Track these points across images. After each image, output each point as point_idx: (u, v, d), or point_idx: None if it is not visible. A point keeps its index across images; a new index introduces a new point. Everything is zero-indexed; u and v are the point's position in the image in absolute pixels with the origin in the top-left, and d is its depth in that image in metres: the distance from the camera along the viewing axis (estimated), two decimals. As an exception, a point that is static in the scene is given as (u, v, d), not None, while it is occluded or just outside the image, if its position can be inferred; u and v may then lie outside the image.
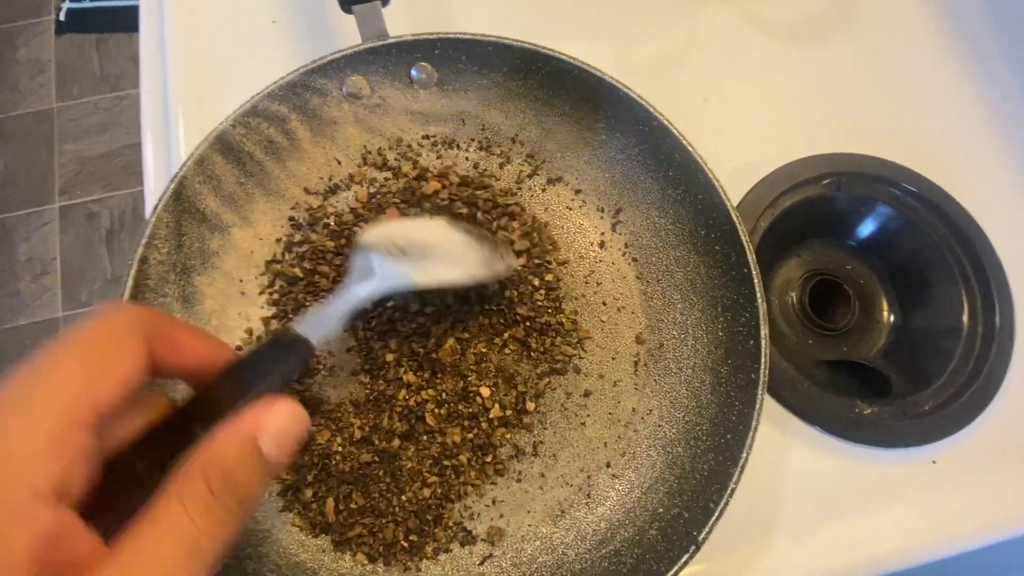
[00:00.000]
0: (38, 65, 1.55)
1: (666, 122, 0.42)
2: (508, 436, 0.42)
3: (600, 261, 0.46)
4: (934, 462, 0.46)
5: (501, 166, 0.48)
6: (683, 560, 0.35)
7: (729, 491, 0.36)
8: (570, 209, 0.47)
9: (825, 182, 0.51)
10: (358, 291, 0.37)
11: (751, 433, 0.37)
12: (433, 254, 0.40)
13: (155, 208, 0.38)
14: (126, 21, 1.59)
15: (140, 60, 0.54)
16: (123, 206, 1.45)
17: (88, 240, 1.42)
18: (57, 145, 1.49)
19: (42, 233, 1.42)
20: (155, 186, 0.49)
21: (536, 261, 0.45)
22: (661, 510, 0.39)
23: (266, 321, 0.43)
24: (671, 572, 0.35)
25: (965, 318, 0.49)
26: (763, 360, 0.38)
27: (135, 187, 1.46)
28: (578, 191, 0.47)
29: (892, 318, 0.52)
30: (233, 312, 0.43)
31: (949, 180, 0.51)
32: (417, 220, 0.44)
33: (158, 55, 0.53)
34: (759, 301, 0.39)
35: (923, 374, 0.49)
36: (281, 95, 0.42)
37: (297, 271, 0.44)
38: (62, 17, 1.57)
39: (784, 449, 0.45)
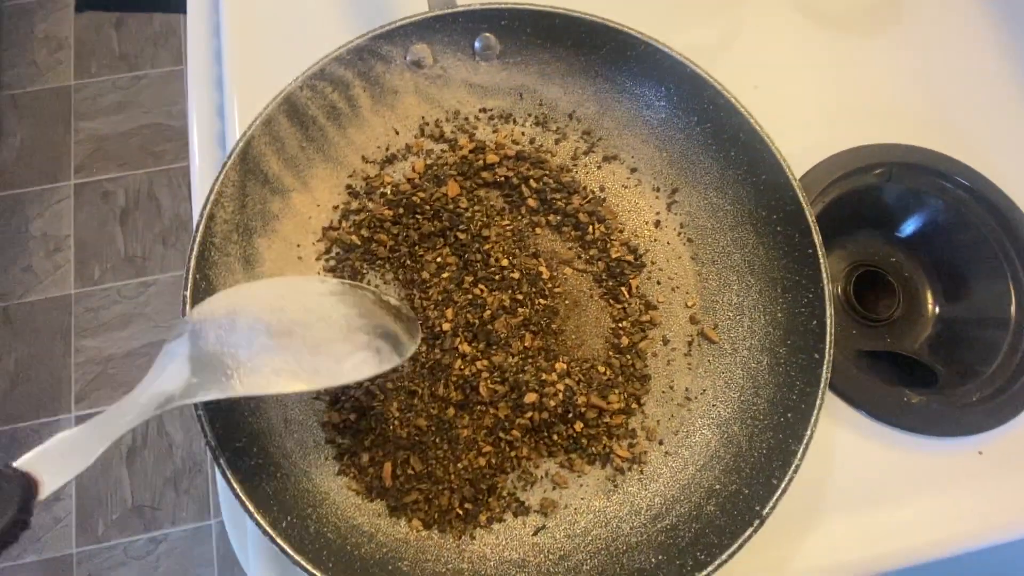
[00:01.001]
0: (56, 42, 1.54)
1: (734, 101, 0.42)
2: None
3: (655, 241, 0.46)
4: (980, 452, 0.46)
5: (557, 142, 0.48)
6: (747, 534, 0.35)
7: (793, 467, 0.36)
8: (625, 187, 0.47)
9: (876, 172, 0.51)
10: (154, 395, 0.28)
11: (815, 412, 0.37)
12: (300, 336, 0.32)
13: (223, 166, 0.38)
14: (145, 1, 1.58)
15: (187, 31, 0.54)
16: (138, 186, 1.45)
17: (102, 218, 1.41)
18: (74, 122, 1.48)
19: (56, 210, 1.41)
20: (200, 161, 0.48)
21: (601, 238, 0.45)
22: (718, 487, 0.39)
23: (322, 287, 0.43)
24: (735, 545, 0.34)
25: (1013, 310, 0.49)
26: (828, 340, 0.38)
27: (151, 167, 1.45)
28: (634, 169, 0.47)
29: (937, 310, 0.52)
30: (290, 276, 0.42)
31: (1001, 174, 0.51)
32: (294, 282, 0.37)
33: (208, 25, 0.53)
34: (824, 282, 0.39)
35: (969, 366, 0.49)
36: (348, 59, 0.42)
37: (355, 238, 0.43)
38: (82, -6, 1.56)
39: (830, 432, 0.45)
